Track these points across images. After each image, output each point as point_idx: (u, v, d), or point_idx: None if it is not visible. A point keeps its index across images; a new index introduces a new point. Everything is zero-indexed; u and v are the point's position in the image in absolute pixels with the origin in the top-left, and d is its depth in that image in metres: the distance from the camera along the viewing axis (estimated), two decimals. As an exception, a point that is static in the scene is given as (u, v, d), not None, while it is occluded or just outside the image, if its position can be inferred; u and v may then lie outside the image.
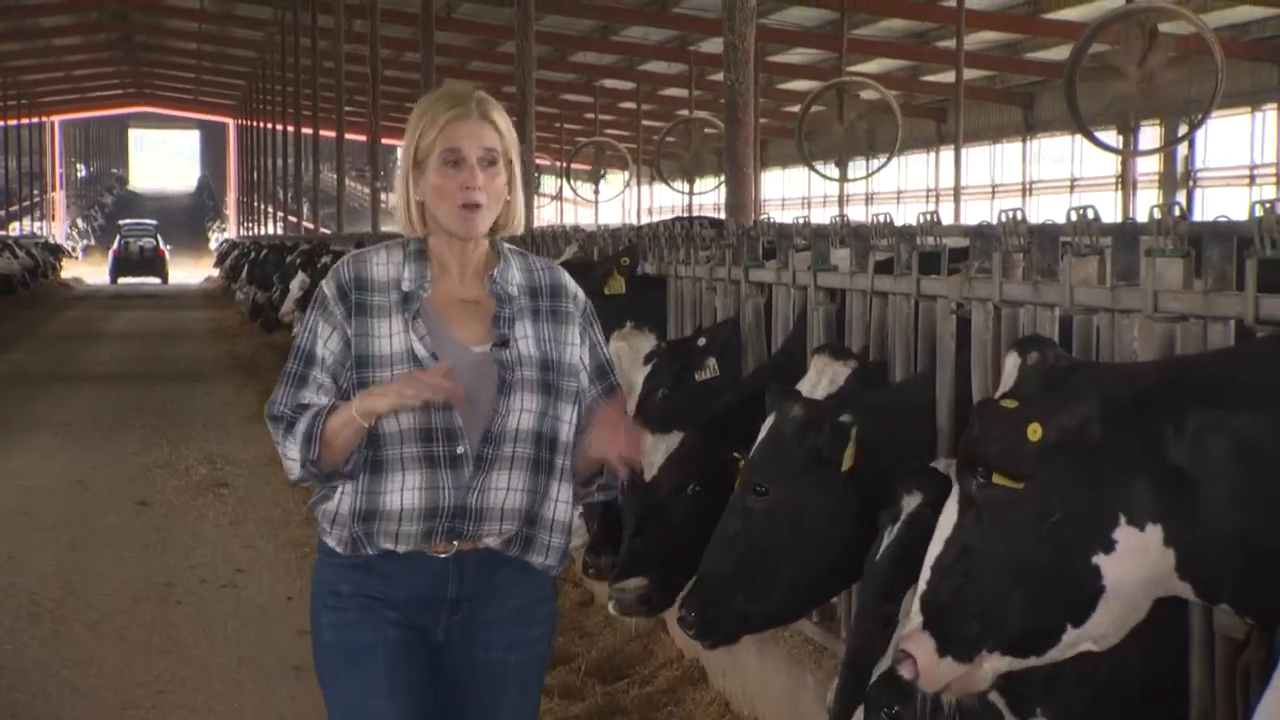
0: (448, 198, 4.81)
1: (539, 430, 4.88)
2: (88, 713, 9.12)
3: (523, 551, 4.94)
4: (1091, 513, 4.25)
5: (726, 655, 8.26)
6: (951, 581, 4.24)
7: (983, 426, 4.22)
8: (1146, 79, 21.30)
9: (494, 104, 4.94)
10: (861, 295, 7.59)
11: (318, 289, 4.99)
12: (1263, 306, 4.73)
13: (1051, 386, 4.32)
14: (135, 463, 18.03)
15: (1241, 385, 4.50)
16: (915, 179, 49.49)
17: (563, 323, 5.03)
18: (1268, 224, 4.77)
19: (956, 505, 4.31)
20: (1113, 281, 5.51)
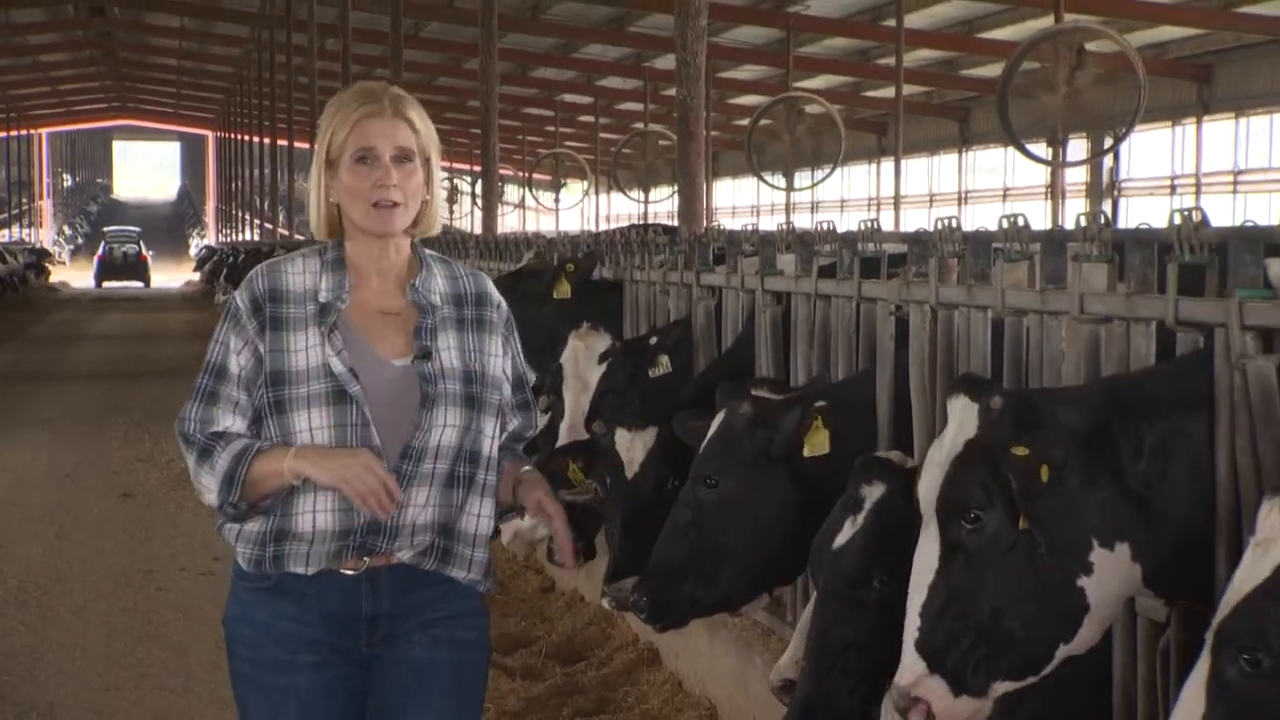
0: (361, 197, 4.41)
1: (460, 445, 4.48)
2: (73, 694, 9.10)
3: (440, 564, 4.53)
4: (1070, 540, 4.28)
5: (679, 638, 8.27)
6: (948, 624, 4.21)
7: (1008, 473, 4.22)
8: (1074, 95, 21.37)
9: (409, 101, 4.57)
10: (806, 298, 7.59)
11: (230, 300, 4.55)
12: (1181, 309, 4.75)
13: (1025, 427, 4.30)
14: (119, 456, 18.01)
15: (1176, 400, 4.55)
16: (857, 188, 49.51)
17: (487, 333, 4.63)
18: (1186, 231, 4.79)
19: (936, 551, 4.27)
20: (1042, 285, 5.53)
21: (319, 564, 4.39)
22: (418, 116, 4.52)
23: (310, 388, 4.36)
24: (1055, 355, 5.38)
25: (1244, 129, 34.98)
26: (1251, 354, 4.48)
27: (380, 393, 4.39)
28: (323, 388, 4.35)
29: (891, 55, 32.97)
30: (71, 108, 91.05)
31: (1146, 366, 4.95)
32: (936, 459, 4.36)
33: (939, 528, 4.27)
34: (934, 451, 4.41)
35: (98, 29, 61.12)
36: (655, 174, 38.11)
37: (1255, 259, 4.65)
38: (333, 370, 4.36)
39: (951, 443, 4.33)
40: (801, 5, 34.79)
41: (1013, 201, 40.38)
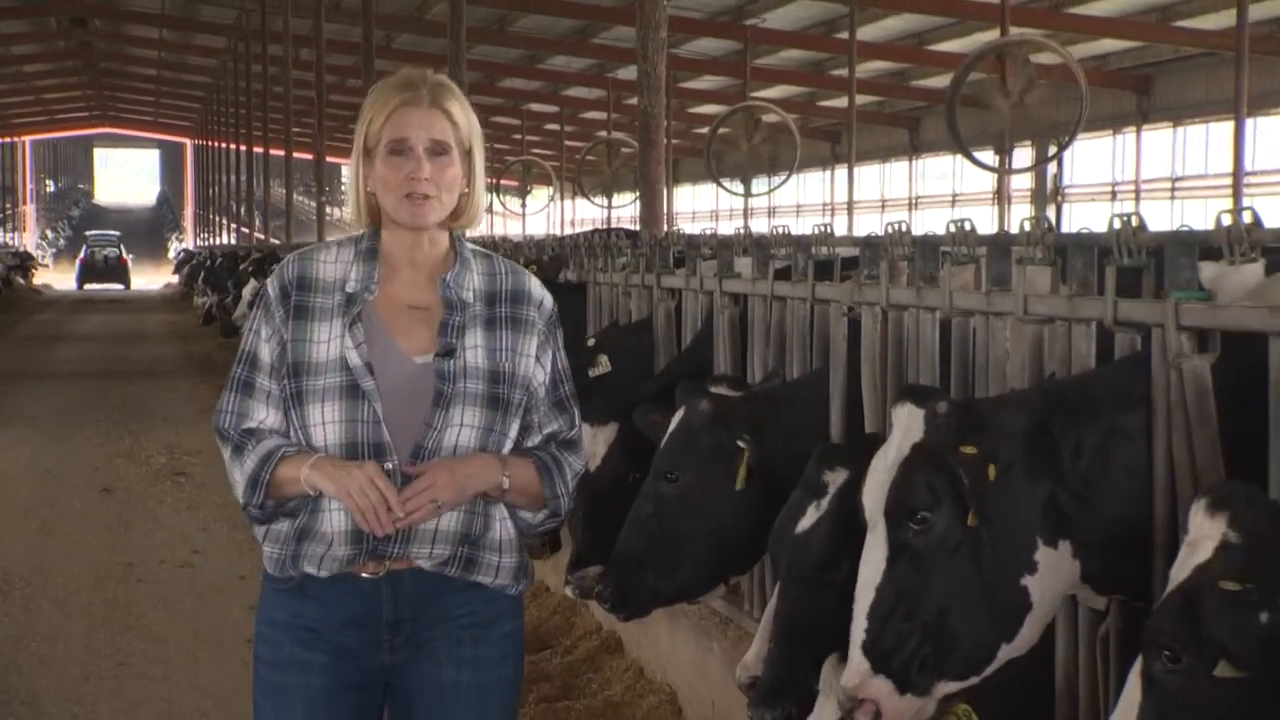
0: (393, 188, 4.14)
1: (483, 447, 4.16)
2: (55, 683, 9.06)
3: (464, 572, 4.22)
4: (1015, 539, 4.28)
5: (640, 627, 8.27)
6: (895, 625, 4.19)
7: (958, 470, 4.22)
8: (1019, 105, 21.45)
9: (450, 91, 4.25)
10: (762, 299, 7.60)
11: (263, 288, 4.34)
12: (1120, 310, 4.77)
13: (970, 430, 4.31)
14: (99, 453, 17.94)
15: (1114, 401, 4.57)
16: (812, 194, 49.63)
17: (522, 332, 4.27)
18: (1125, 236, 4.81)
19: (883, 554, 4.25)
20: (987, 287, 5.53)
21: (331, 569, 4.14)
22: (458, 107, 4.24)
23: (326, 380, 4.13)
24: (1000, 355, 5.40)
25: (1181, 138, 35.17)
26: (1187, 353, 4.50)
27: (399, 389, 4.14)
28: (338, 381, 4.12)
29: (845, 66, 33.03)
30: (54, 116, 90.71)
31: (1086, 370, 4.97)
32: (881, 465, 4.35)
33: (886, 530, 4.26)
34: (878, 459, 4.39)
35: (79, 40, 60.91)
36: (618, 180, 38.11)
37: (1190, 262, 4.67)
38: (349, 363, 4.12)
39: (898, 448, 4.32)
40: (758, 18, 34.84)
41: (961, 207, 40.51)
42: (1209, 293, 4.58)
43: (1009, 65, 21.59)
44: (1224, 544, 3.51)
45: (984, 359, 5.51)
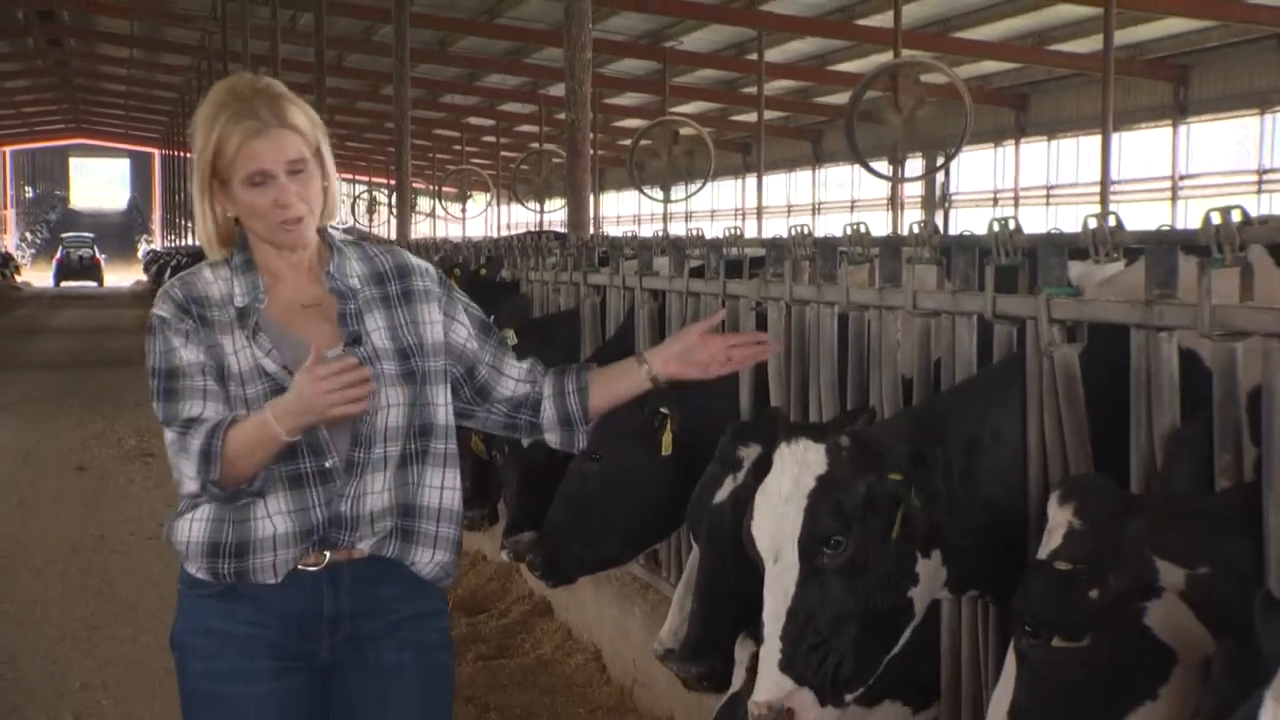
0: (263, 216, 3.76)
1: (409, 423, 3.86)
2: (33, 644, 9.05)
3: (401, 548, 3.88)
4: (902, 556, 4.27)
5: (568, 593, 8.30)
6: (808, 644, 4.14)
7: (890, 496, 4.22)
8: (911, 120, 21.56)
9: (287, 99, 3.80)
10: (678, 295, 7.61)
11: (151, 317, 3.86)
12: (998, 304, 4.79)
13: (870, 459, 4.27)
14: (75, 435, 17.85)
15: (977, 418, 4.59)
16: (725, 200, 49.62)
17: (419, 302, 3.96)
18: (1002, 238, 4.84)
19: (792, 577, 4.18)
20: (880, 284, 5.55)
21: (285, 570, 3.76)
22: (300, 114, 3.80)
23: (248, 390, 3.73)
24: (892, 345, 5.42)
25: (1055, 150, 35.40)
26: (1058, 343, 4.53)
27: None
28: (261, 389, 3.73)
29: (754, 85, 33.13)
30: (32, 127, 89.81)
31: (962, 383, 4.98)
32: (775, 499, 4.26)
33: (800, 556, 4.17)
34: (769, 496, 4.30)
35: (55, 58, 60.42)
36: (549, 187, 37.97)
37: (1061, 261, 4.70)
38: (267, 371, 3.74)
39: (794, 481, 4.24)
40: (676, 41, 34.85)
41: (859, 212, 40.60)
42: (1077, 289, 4.61)
43: (901, 84, 21.69)
44: (1070, 531, 3.59)
45: (877, 349, 5.53)
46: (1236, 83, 29.13)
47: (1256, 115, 29.15)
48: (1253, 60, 28.55)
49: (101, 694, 8.13)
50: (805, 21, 30.64)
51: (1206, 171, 30.80)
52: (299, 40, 35.59)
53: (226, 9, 38.84)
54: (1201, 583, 3.59)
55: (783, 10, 30.09)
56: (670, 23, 33.45)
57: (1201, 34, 28.54)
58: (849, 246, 5.88)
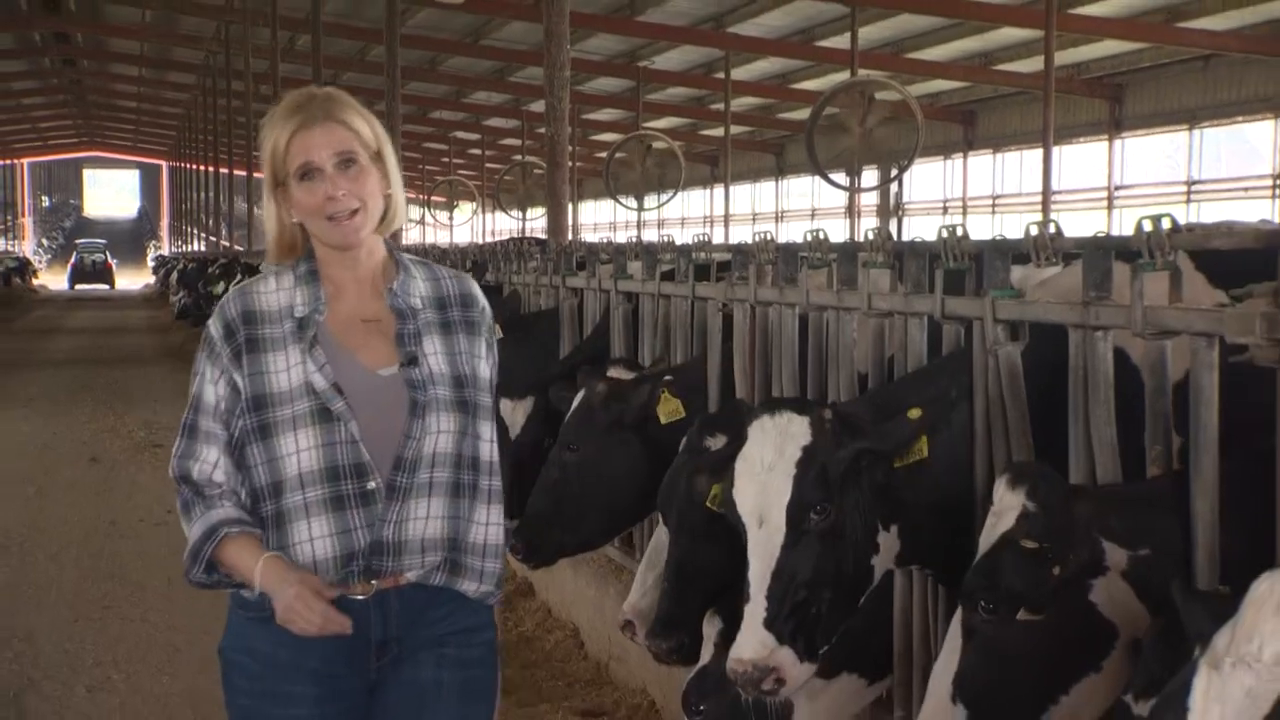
0: (314, 213, 3.50)
1: (459, 452, 3.55)
2: (48, 623, 9.02)
3: (449, 579, 3.58)
4: (865, 526, 4.28)
5: (548, 574, 8.30)
6: (790, 604, 4.13)
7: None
8: (867, 134, 21.62)
9: (341, 101, 3.58)
10: (651, 297, 7.61)
11: (205, 329, 3.62)
12: (947, 306, 4.80)
13: (850, 431, 4.28)
14: (88, 428, 17.79)
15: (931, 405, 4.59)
16: (694, 209, 49.60)
17: (474, 334, 3.65)
18: (951, 243, 4.85)
19: (778, 541, 4.16)
20: (838, 286, 5.56)
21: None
22: (355, 115, 3.56)
23: (294, 408, 3.45)
24: (849, 343, 5.43)
25: (1000, 162, 35.50)
26: (1002, 342, 4.55)
27: (368, 405, 3.48)
28: (307, 407, 3.44)
29: (721, 102, 33.20)
30: (48, 141, 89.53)
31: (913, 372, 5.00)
32: (757, 468, 4.25)
33: (788, 520, 4.17)
34: (751, 464, 4.28)
35: (69, 77, 60.23)
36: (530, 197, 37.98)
37: (1005, 265, 4.71)
38: (315, 388, 3.45)
39: (776, 451, 4.24)
40: (649, 61, 34.86)
41: (819, 219, 40.64)
42: (1019, 291, 4.63)
43: (858, 101, 21.74)
44: (1024, 513, 3.59)
45: (835, 347, 5.54)
46: (1167, 100, 29.26)
47: (1185, 130, 29.28)
48: (1182, 80, 28.68)
49: (112, 669, 8.11)
50: (769, 43, 30.69)
51: (1140, 183, 30.92)
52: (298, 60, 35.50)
53: (230, 31, 38.76)
54: (1142, 563, 3.62)
55: (748, 32, 30.14)
56: (644, 44, 33.46)
57: (1135, 55, 28.65)
58: (809, 252, 5.90)
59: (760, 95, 37.26)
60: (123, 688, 7.81)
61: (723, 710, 4.65)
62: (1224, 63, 27.20)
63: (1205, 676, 2.34)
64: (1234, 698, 2.29)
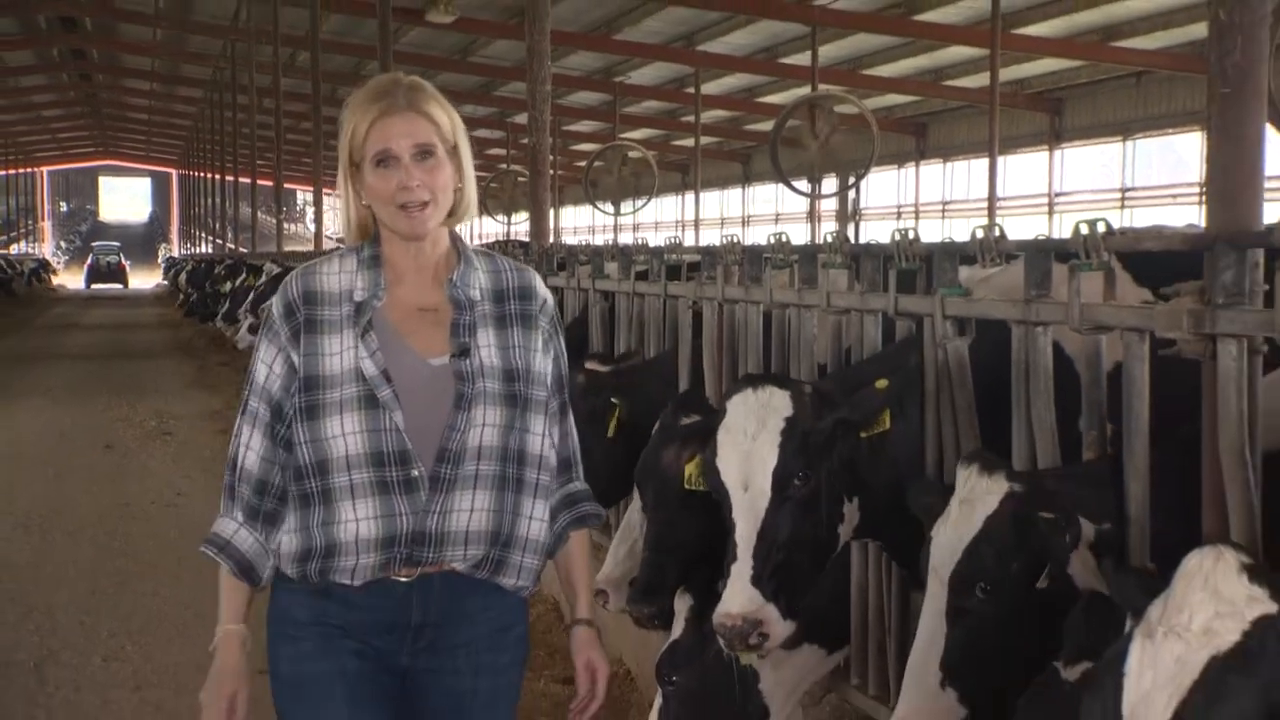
0: (386, 200, 3.28)
1: (505, 445, 3.31)
2: (67, 598, 9.02)
3: (493, 574, 3.36)
4: (836, 495, 4.29)
5: (531, 551, 8.26)
6: (774, 565, 4.12)
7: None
8: (826, 145, 21.64)
9: (426, 92, 3.35)
10: (626, 295, 7.62)
11: (267, 309, 3.48)
12: (900, 303, 4.82)
13: (828, 406, 4.30)
14: (103, 417, 17.74)
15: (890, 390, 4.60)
16: (667, 214, 49.57)
17: (531, 328, 3.42)
18: (903, 246, 4.86)
19: (763, 505, 4.15)
20: (799, 285, 5.57)
21: (365, 577, 3.28)
22: (437, 107, 3.34)
23: (343, 392, 3.26)
24: (809, 338, 5.44)
25: (949, 171, 35.60)
26: (951, 336, 4.56)
27: (418, 393, 3.27)
28: (355, 392, 3.25)
29: (692, 114, 33.19)
30: (66, 150, 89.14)
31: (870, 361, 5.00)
32: (739, 438, 4.23)
33: (773, 486, 4.16)
34: (734, 434, 4.26)
35: (86, 90, 60.01)
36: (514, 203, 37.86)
37: (953, 266, 4.73)
38: (364, 373, 3.25)
39: (759, 422, 4.22)
40: (624, 76, 34.85)
41: (783, 223, 40.70)
42: (966, 289, 4.64)
43: (818, 114, 21.76)
44: (1010, 494, 3.53)
45: (796, 341, 5.54)
46: (1103, 114, 29.37)
47: (1120, 141, 29.40)
48: (1116, 95, 28.79)
49: (126, 640, 8.09)
50: (736, 59, 30.71)
51: (1078, 190, 31.01)
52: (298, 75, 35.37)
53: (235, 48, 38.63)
54: (1106, 537, 3.62)
55: (716, 50, 30.16)
56: (619, 60, 33.44)
57: (1073, 72, 28.75)
58: (772, 254, 5.90)
59: (728, 108, 37.27)
60: (136, 657, 7.80)
61: (694, 680, 4.66)
62: (1155, 79, 27.32)
63: (1140, 645, 2.36)
64: (1166, 664, 2.30)
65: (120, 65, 51.78)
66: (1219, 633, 2.29)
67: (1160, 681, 2.30)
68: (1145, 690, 2.31)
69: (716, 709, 4.59)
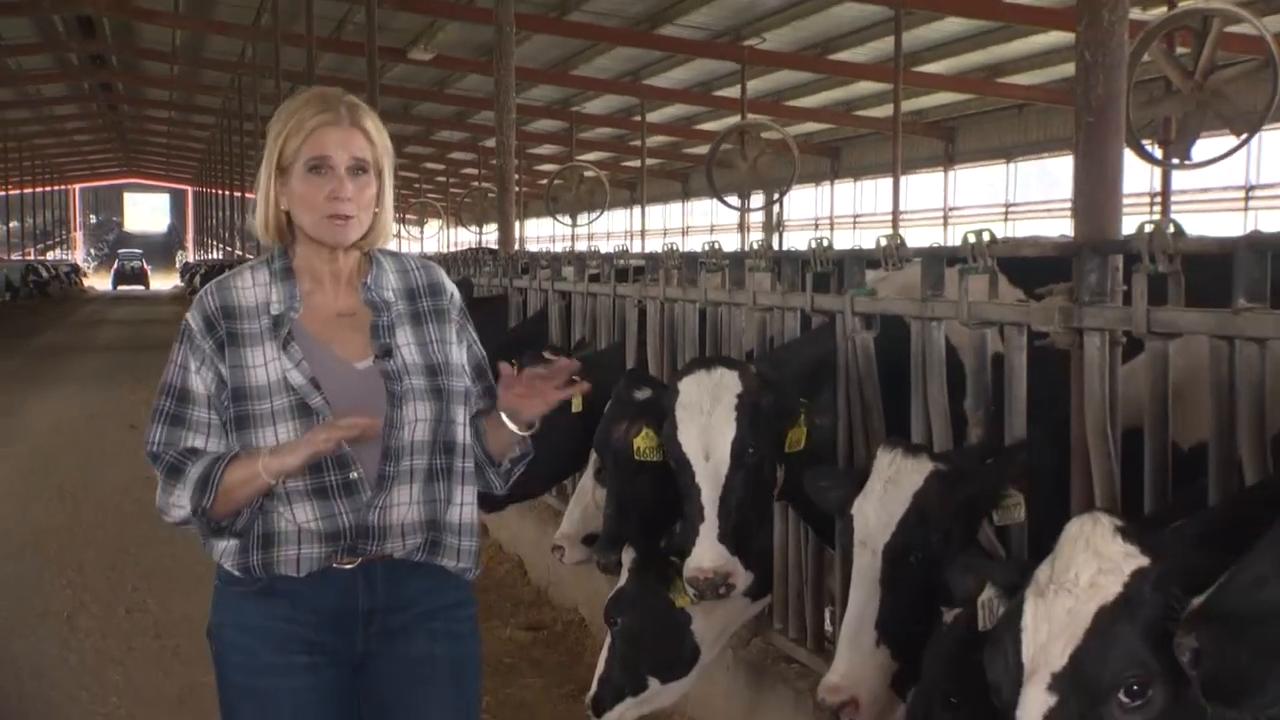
0: (315, 207, 2.93)
1: (434, 439, 3.00)
2: (95, 557, 9.02)
3: (429, 556, 3.03)
4: (774, 463, 4.27)
5: (499, 517, 8.26)
6: (734, 522, 4.11)
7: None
8: (754, 166, 21.69)
9: (365, 110, 3.01)
10: (581, 295, 7.61)
11: (184, 321, 3.03)
12: (816, 302, 4.84)
13: (770, 385, 4.28)
14: (127, 401, 17.57)
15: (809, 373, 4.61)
16: (617, 225, 49.50)
17: (444, 321, 3.11)
18: (819, 252, 4.88)
19: (726, 469, 4.12)
20: (730, 287, 5.58)
21: (310, 567, 2.94)
22: (374, 126, 3.00)
23: (273, 403, 2.91)
24: (739, 331, 5.46)
25: (860, 188, 35.73)
26: (859, 330, 4.58)
27: (346, 398, 2.91)
28: (285, 402, 2.90)
29: (639, 139, 33.15)
30: (95, 170, 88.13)
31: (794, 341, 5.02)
32: (696, 414, 4.18)
33: (731, 455, 4.12)
34: (692, 410, 4.20)
35: (112, 119, 59.44)
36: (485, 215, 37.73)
37: (861, 270, 4.75)
38: (291, 383, 2.90)
39: (714, 398, 4.18)
40: (579, 106, 34.79)
41: (716, 233, 40.64)
42: (872, 290, 4.66)
43: (747, 140, 21.80)
44: (936, 472, 3.47)
45: (727, 334, 5.56)
46: (989, 140, 29.57)
47: (1004, 164, 29.62)
48: (1001, 124, 28.98)
49: (147, 594, 8.05)
50: (676, 92, 30.72)
51: (969, 205, 31.18)
52: (297, 104, 35.15)
53: (242, 82, 38.32)
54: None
55: (660, 84, 30.17)
56: (576, 92, 33.38)
57: (964, 104, 28.90)
58: (707, 259, 5.91)
59: (669, 134, 37.25)
60: (155, 609, 7.75)
61: (635, 622, 4.68)
62: (1034, 111, 27.52)
63: (1033, 603, 2.36)
64: (1059, 617, 2.32)
65: (142, 97, 51.30)
66: (1103, 586, 2.30)
67: (1055, 632, 2.31)
68: (1042, 641, 2.32)
69: (654, 647, 4.61)
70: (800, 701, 4.87)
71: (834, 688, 3.38)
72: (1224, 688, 2.09)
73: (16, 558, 8.98)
